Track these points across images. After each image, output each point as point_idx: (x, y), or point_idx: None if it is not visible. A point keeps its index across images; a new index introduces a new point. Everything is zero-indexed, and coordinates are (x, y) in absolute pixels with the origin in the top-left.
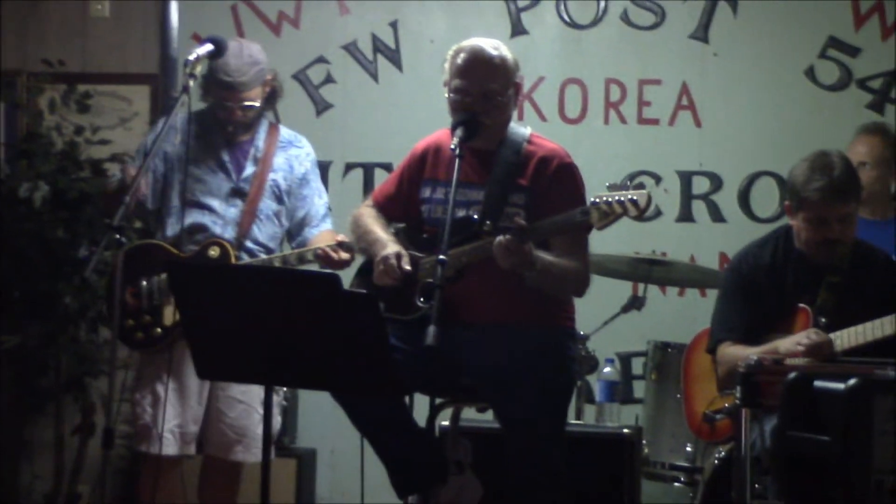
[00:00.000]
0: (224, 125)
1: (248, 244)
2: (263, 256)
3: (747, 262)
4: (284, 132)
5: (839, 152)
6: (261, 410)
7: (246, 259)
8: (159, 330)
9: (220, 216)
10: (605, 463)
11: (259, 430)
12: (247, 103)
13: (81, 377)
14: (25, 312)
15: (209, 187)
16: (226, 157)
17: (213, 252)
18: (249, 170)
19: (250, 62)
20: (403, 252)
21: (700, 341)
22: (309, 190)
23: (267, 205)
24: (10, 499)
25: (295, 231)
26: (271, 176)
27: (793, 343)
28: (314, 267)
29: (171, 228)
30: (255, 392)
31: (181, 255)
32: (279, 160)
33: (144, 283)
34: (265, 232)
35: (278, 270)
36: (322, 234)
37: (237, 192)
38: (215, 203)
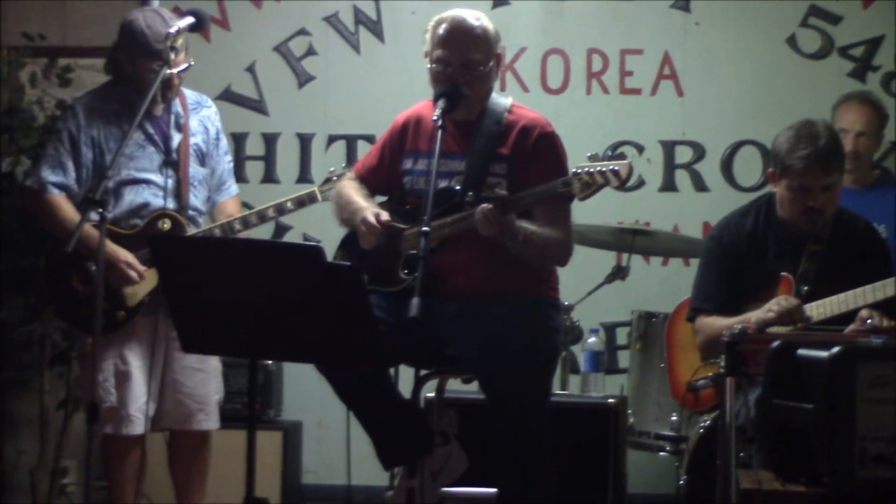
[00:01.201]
0: (158, 94)
1: (190, 212)
2: (202, 224)
3: (728, 232)
4: (189, 94)
5: (825, 122)
6: (217, 378)
7: (192, 228)
8: (123, 313)
9: (160, 188)
10: (591, 433)
11: (217, 397)
12: (182, 66)
13: (66, 352)
14: (8, 287)
15: (142, 163)
16: (151, 130)
17: (165, 225)
18: (176, 138)
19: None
20: (381, 210)
21: (683, 310)
22: (220, 149)
23: (196, 170)
24: None
25: (210, 193)
26: (192, 140)
27: (764, 311)
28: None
29: (112, 210)
30: (212, 360)
31: (124, 233)
32: (194, 123)
33: (94, 267)
34: (199, 197)
35: (262, 243)
36: (230, 203)
37: (168, 163)
38: (151, 176)
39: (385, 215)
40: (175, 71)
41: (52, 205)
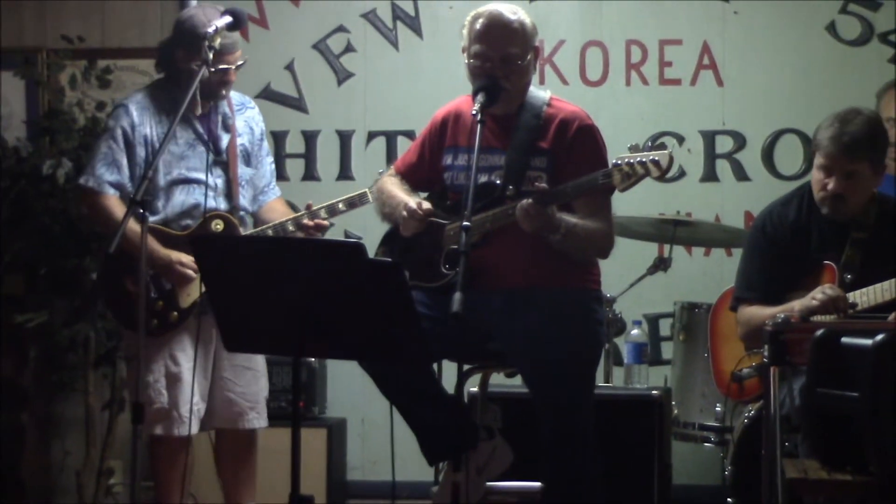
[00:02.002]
0: (215, 91)
1: (240, 213)
2: (249, 225)
3: (771, 221)
4: (234, 95)
5: (872, 112)
6: (265, 376)
7: (241, 229)
8: (176, 314)
9: (212, 188)
10: (635, 425)
11: (265, 395)
12: (240, 62)
13: (110, 353)
14: (52, 289)
15: (193, 163)
16: (201, 129)
17: (218, 226)
18: (225, 138)
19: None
20: (421, 199)
21: (726, 300)
22: (263, 150)
23: (243, 170)
24: (42, 474)
25: (255, 194)
26: (239, 141)
27: (808, 299)
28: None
29: (163, 211)
30: (259, 358)
31: (176, 234)
32: (240, 124)
33: (147, 269)
34: (247, 198)
35: (303, 241)
36: (277, 204)
37: (218, 163)
38: (202, 176)
39: (427, 204)
40: (233, 66)
41: (108, 205)
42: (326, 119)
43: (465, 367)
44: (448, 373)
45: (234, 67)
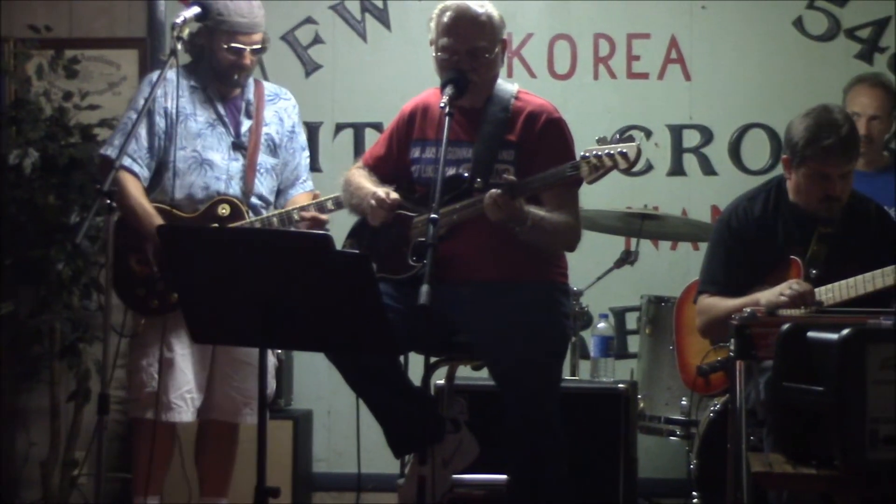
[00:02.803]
0: (228, 73)
1: (253, 199)
2: (264, 213)
3: (737, 216)
4: (269, 86)
5: (840, 108)
6: (271, 372)
7: (253, 216)
8: (176, 295)
9: (224, 171)
10: (601, 418)
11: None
12: (256, 46)
13: (75, 343)
14: (18, 279)
15: (209, 142)
16: (222, 111)
17: (223, 210)
18: (246, 124)
19: (257, 4)
20: (390, 189)
21: (691, 293)
22: (296, 143)
23: (265, 159)
24: (7, 466)
25: (284, 186)
26: (264, 130)
27: (775, 294)
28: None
29: (178, 189)
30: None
31: (187, 217)
32: (269, 114)
33: (152, 248)
34: (266, 186)
35: (271, 232)
36: (302, 198)
37: (237, 146)
38: (217, 158)
39: (395, 194)
40: (247, 48)
41: (125, 182)
42: None
43: (432, 359)
44: (415, 365)
45: (248, 49)
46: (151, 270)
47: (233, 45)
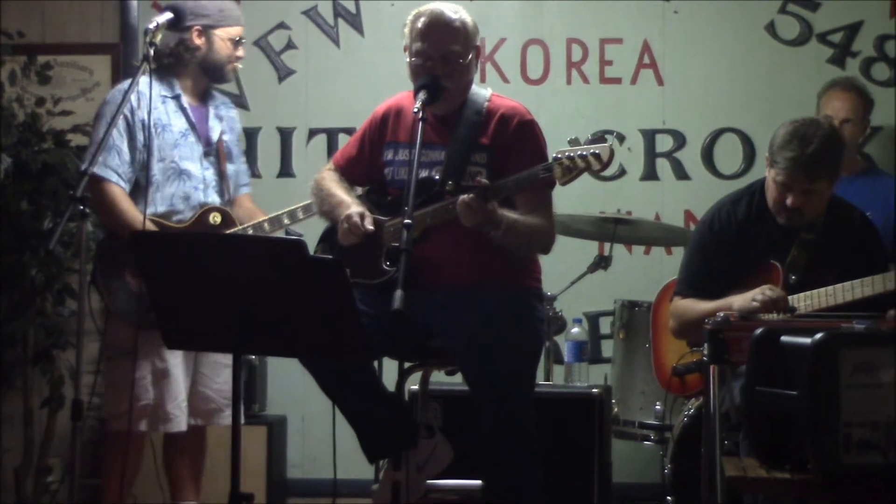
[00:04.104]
0: (225, 67)
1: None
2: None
3: (720, 218)
4: (217, 94)
5: (829, 124)
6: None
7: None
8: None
9: (200, 180)
10: (575, 423)
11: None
12: (243, 52)
13: (49, 350)
14: None
15: (184, 152)
16: (193, 119)
17: (215, 219)
18: (217, 129)
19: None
20: (366, 212)
21: (668, 293)
22: (239, 148)
23: (227, 166)
24: None
25: (232, 192)
26: (224, 137)
27: (747, 300)
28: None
29: (159, 202)
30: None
31: (177, 227)
32: (223, 120)
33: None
34: (230, 193)
35: (244, 238)
36: (244, 200)
37: (207, 154)
38: (192, 167)
39: (370, 221)
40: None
41: (112, 195)
42: (267, 116)
43: (406, 364)
44: (389, 370)
45: (238, 54)
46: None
47: (237, 38)
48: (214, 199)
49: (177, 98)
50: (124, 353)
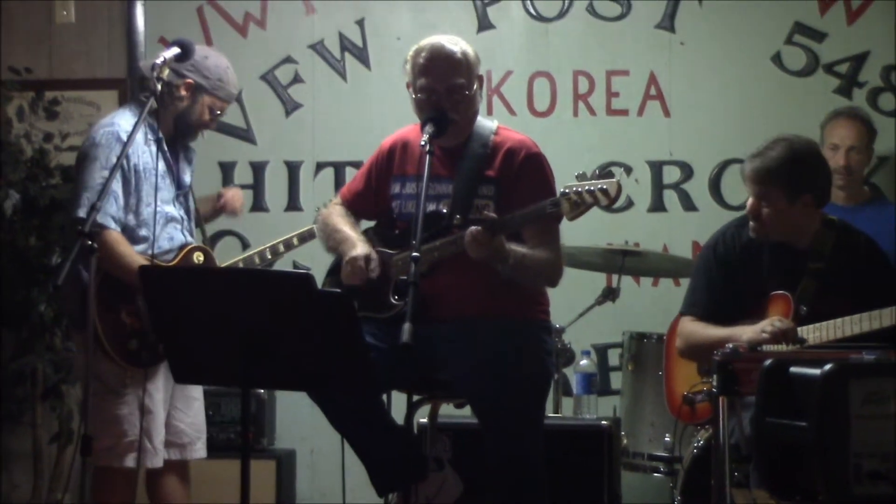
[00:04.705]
0: (195, 130)
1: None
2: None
3: (724, 241)
4: None
5: (802, 141)
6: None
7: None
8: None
9: (179, 221)
10: (585, 455)
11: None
12: (214, 125)
13: (58, 385)
14: (1, 322)
15: (165, 195)
16: (171, 162)
17: (199, 258)
18: (188, 172)
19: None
20: (373, 254)
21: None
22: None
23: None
24: None
25: None
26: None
27: (756, 331)
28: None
29: (157, 243)
30: (199, 387)
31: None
32: (191, 163)
33: (142, 302)
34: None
35: (252, 272)
36: None
37: (181, 196)
38: (171, 210)
39: (375, 264)
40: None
41: (111, 241)
42: (274, 150)
43: (415, 397)
44: (397, 403)
45: (219, 113)
46: (143, 324)
47: (217, 111)
48: (191, 240)
49: (159, 141)
50: (110, 390)
